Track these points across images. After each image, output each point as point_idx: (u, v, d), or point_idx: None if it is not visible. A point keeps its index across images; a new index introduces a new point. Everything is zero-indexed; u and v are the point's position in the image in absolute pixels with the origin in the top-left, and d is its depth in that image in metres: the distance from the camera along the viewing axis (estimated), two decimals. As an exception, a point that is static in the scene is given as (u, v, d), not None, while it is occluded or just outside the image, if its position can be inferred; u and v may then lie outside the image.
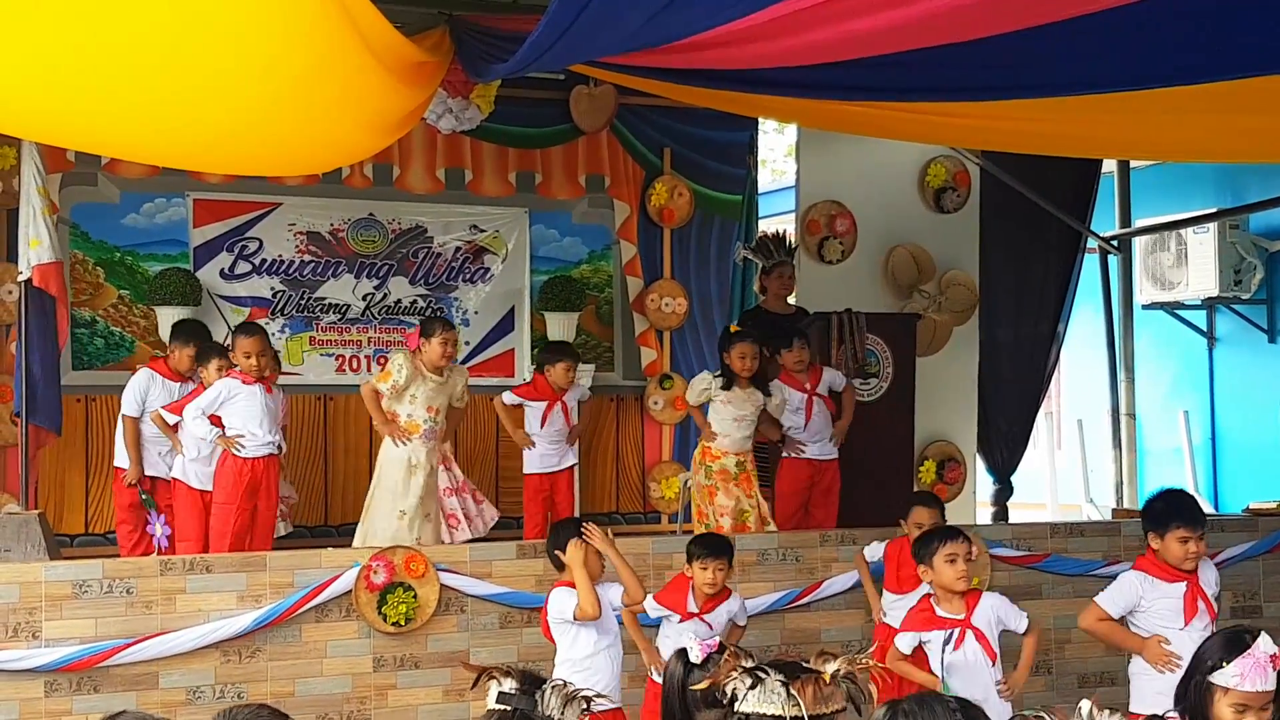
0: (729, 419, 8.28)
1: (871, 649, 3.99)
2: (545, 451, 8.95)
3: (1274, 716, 3.78)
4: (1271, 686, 3.73)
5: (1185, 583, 5.75)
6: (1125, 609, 5.81)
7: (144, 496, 8.46)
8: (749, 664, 3.16)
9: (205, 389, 8.08)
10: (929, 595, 5.89)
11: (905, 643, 5.80)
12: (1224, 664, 3.80)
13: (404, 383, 8.15)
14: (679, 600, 6.28)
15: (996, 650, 5.74)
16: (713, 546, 6.36)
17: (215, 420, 7.94)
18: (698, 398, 8.45)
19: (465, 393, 8.53)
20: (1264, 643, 3.79)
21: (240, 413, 7.95)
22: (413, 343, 8.55)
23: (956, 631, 5.70)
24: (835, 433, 8.61)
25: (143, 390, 8.49)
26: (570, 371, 8.93)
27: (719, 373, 8.40)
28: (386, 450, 8.31)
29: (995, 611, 5.80)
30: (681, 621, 6.23)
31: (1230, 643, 3.85)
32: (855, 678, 3.16)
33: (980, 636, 5.71)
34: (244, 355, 7.97)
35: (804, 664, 3.15)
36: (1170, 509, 5.88)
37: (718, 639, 3.64)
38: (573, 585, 5.87)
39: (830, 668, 3.11)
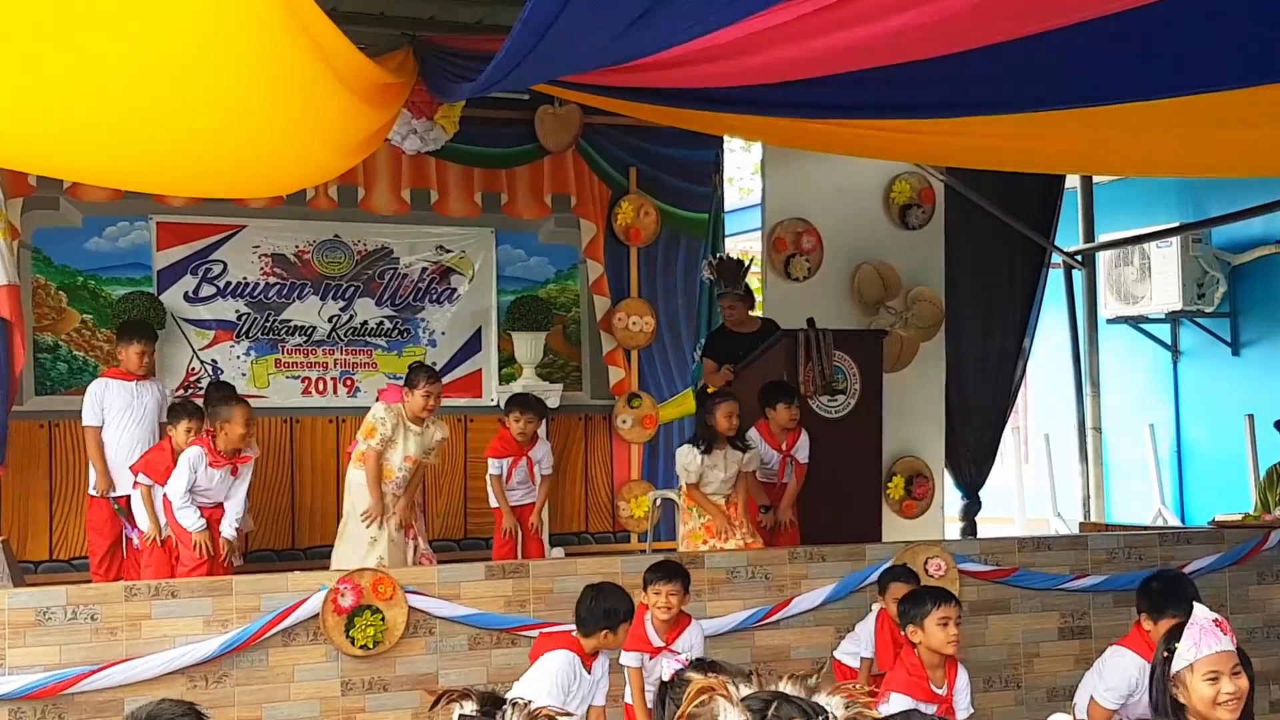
0: (718, 481, 8.09)
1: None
2: (511, 490, 8.90)
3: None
4: (1228, 646, 3.72)
5: None
6: (1125, 698, 5.74)
7: (118, 509, 8.39)
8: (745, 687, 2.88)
9: (171, 448, 8.03)
10: (918, 659, 5.88)
11: (900, 707, 5.77)
12: (1174, 649, 3.79)
13: (391, 434, 8.16)
14: (641, 636, 6.27)
15: None
16: (666, 571, 6.34)
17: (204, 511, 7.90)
18: (697, 475, 8.07)
19: (438, 450, 8.53)
20: (1201, 610, 3.79)
21: (207, 494, 7.92)
22: (393, 396, 8.51)
23: (937, 708, 5.73)
24: (781, 508, 8.46)
25: (99, 398, 8.44)
26: (520, 422, 8.78)
27: (696, 441, 8.14)
28: (353, 475, 8.29)
29: (964, 692, 5.85)
30: (652, 659, 6.23)
31: (1173, 630, 3.85)
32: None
33: (951, 714, 5.76)
34: (242, 425, 7.84)
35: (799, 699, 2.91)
36: (1169, 596, 5.79)
37: (688, 657, 3.64)
38: (581, 653, 5.80)
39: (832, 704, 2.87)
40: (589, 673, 5.84)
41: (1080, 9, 5.11)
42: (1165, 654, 3.82)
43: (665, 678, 3.54)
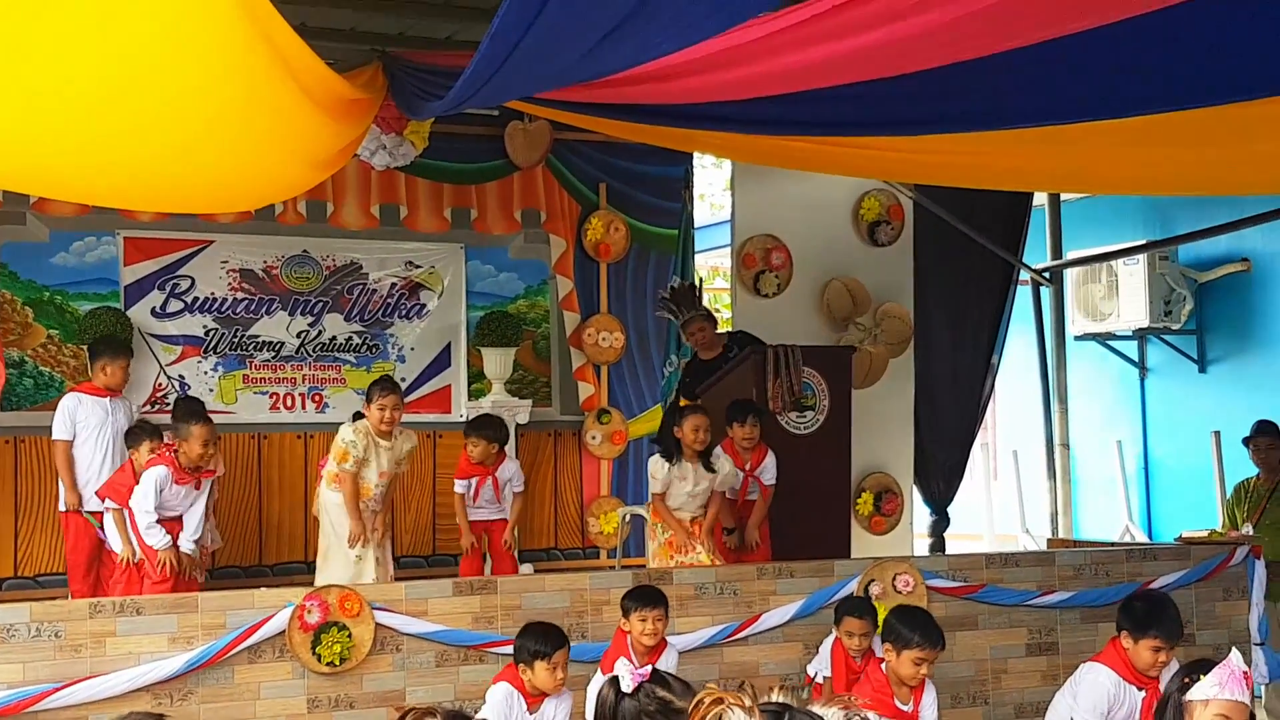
0: (684, 494, 8.09)
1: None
2: (479, 508, 8.87)
3: None
4: (1247, 700, 3.76)
5: (1146, 690, 5.74)
6: (1103, 715, 5.75)
7: (96, 525, 8.35)
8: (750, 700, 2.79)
9: (134, 471, 7.99)
10: (884, 675, 5.90)
11: None
12: (1199, 678, 3.83)
13: (364, 454, 8.13)
14: (620, 657, 6.25)
15: None
16: (649, 598, 6.33)
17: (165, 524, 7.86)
18: (665, 484, 8.06)
19: (407, 459, 8.50)
20: (1237, 658, 3.84)
21: (169, 508, 7.89)
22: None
23: None
24: (748, 529, 8.42)
25: (71, 413, 8.43)
26: (478, 447, 8.71)
27: (663, 451, 8.13)
28: (329, 496, 8.26)
29: (931, 707, 5.88)
30: None
31: (1200, 662, 3.90)
32: None
33: None
34: (200, 444, 7.80)
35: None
36: (1152, 616, 5.83)
37: (650, 667, 3.61)
38: (524, 691, 5.82)
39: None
40: (530, 712, 5.82)
41: (1048, 27, 5.14)
42: (1185, 680, 3.87)
43: (626, 688, 3.52)
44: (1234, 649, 3.95)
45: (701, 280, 10.25)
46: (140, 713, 6.25)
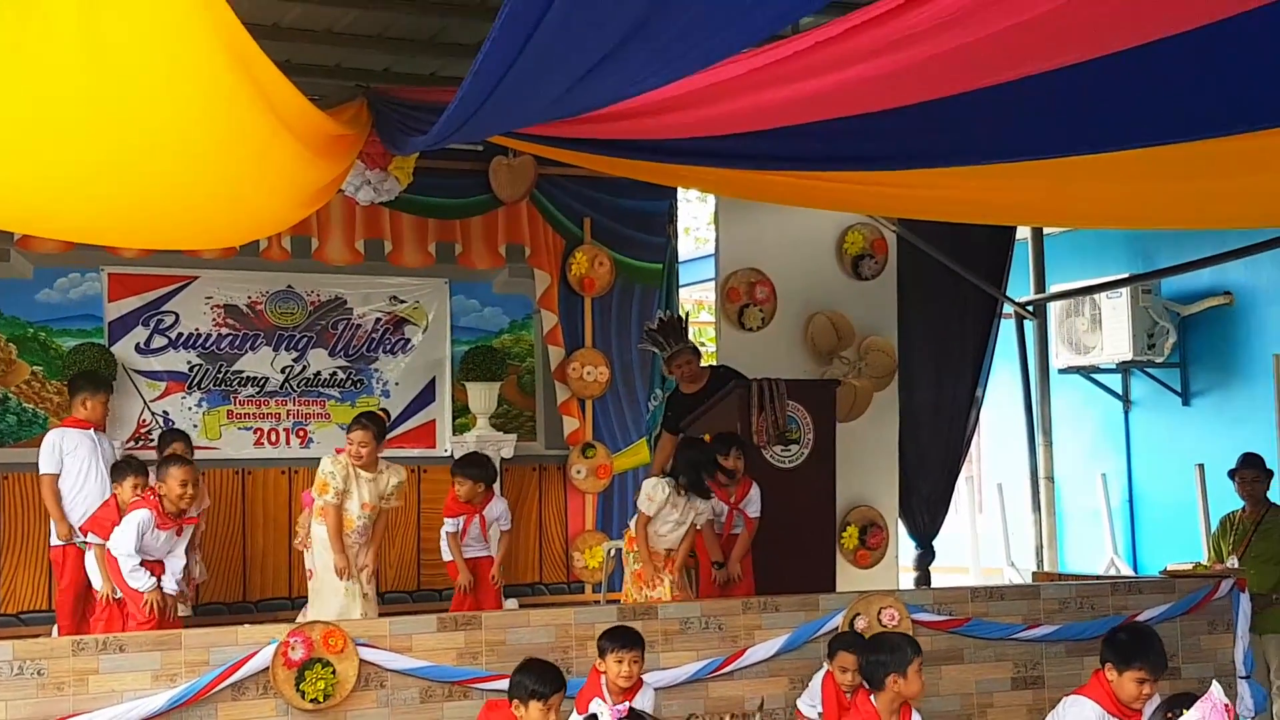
0: (671, 521, 8.11)
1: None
2: (465, 545, 8.84)
3: None
4: None
5: None
6: None
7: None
8: None
9: (118, 506, 7.97)
10: (872, 703, 5.90)
11: None
12: (1181, 713, 3.84)
13: (344, 485, 8.11)
14: (594, 697, 6.25)
15: None
16: (627, 639, 6.31)
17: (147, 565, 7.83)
18: (656, 508, 8.08)
19: (396, 494, 8.42)
20: (1218, 690, 3.84)
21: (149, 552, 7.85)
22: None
23: None
24: (730, 562, 8.42)
25: (58, 447, 8.43)
26: (464, 486, 8.67)
27: (676, 476, 8.13)
28: (318, 533, 8.23)
29: None
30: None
31: (1182, 696, 3.91)
32: None
33: None
34: (179, 484, 7.74)
35: None
36: (1137, 647, 5.81)
37: (628, 705, 3.62)
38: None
39: None
40: None
41: (1028, 63, 5.17)
42: (1167, 715, 3.87)
43: None
44: (1214, 682, 3.95)
45: (688, 314, 10.24)
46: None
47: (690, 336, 9.66)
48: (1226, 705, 3.81)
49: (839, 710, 6.61)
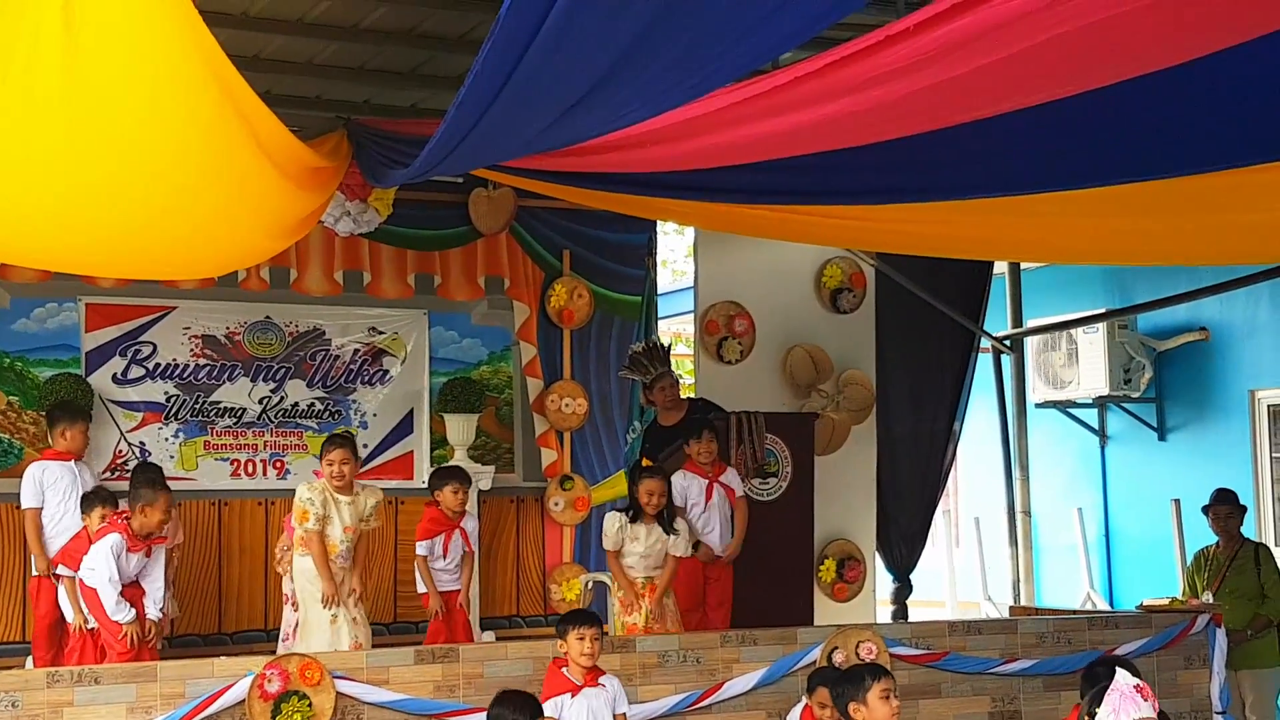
0: (636, 554, 8.17)
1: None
2: (445, 577, 8.82)
3: None
4: (1146, 714, 3.76)
5: None
6: None
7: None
8: None
9: (88, 537, 7.95)
10: None
11: None
12: (1095, 713, 3.84)
13: (323, 510, 8.06)
14: (558, 682, 6.36)
15: None
16: (586, 617, 6.49)
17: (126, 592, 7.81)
18: (615, 542, 8.21)
19: (374, 515, 8.36)
20: (1123, 675, 3.84)
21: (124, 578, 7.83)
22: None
23: None
24: (728, 551, 8.55)
25: (39, 480, 8.41)
26: (459, 493, 8.70)
27: (625, 509, 8.30)
28: (301, 564, 8.18)
29: None
30: (574, 697, 6.31)
31: (1095, 694, 3.90)
32: None
33: None
34: (163, 512, 7.77)
35: None
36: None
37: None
38: None
39: None
40: None
41: (1007, 99, 5.20)
42: (1087, 716, 3.88)
43: None
44: (1120, 669, 3.95)
45: (670, 343, 10.25)
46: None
47: (673, 364, 9.69)
48: (1137, 685, 3.81)
49: None
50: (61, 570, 8.06)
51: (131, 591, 7.82)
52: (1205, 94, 5.12)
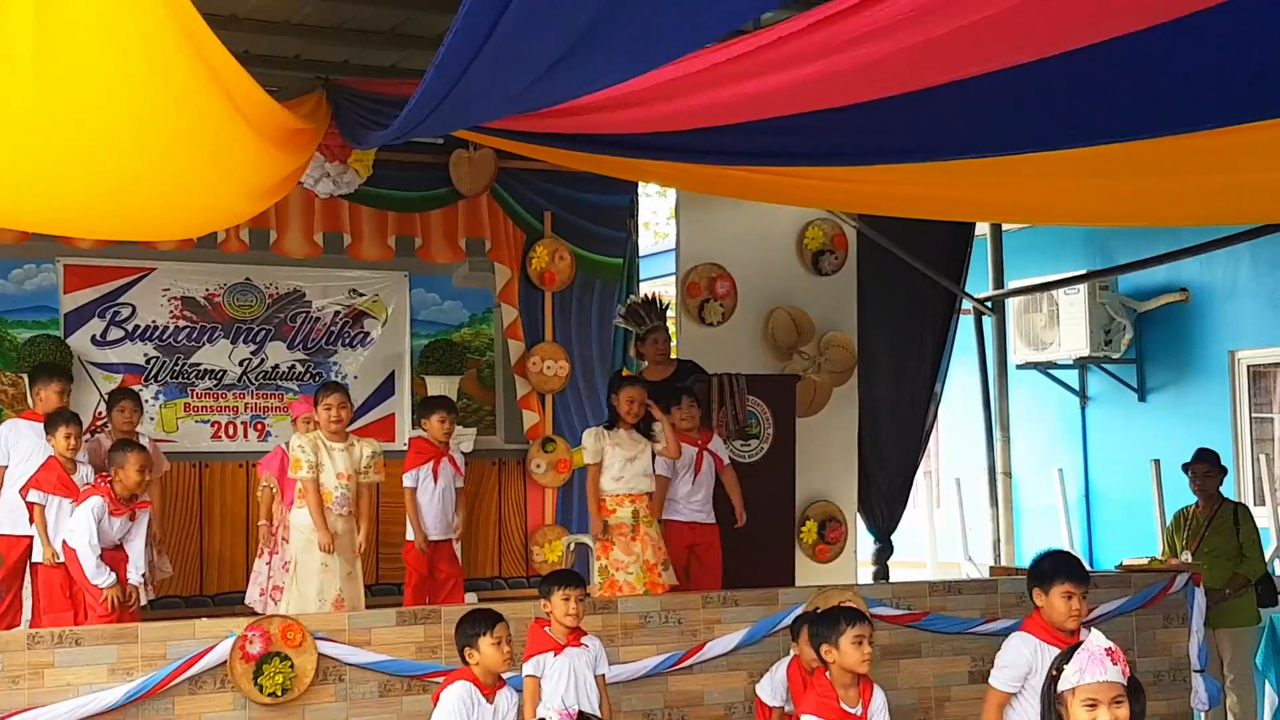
0: (620, 460, 8.19)
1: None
2: (434, 519, 8.84)
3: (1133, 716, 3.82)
4: (1113, 677, 3.77)
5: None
6: (1020, 679, 5.78)
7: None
8: None
9: (60, 462, 7.94)
10: (827, 678, 5.92)
11: None
12: (1063, 669, 3.86)
13: (315, 457, 8.06)
14: (543, 642, 6.36)
15: None
16: (569, 578, 6.46)
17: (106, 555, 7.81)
18: (595, 454, 8.26)
19: (372, 465, 8.35)
20: (1096, 636, 3.86)
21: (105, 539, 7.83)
22: (301, 407, 8.77)
23: None
24: (739, 519, 8.61)
25: (5, 439, 8.39)
26: (446, 422, 8.86)
27: (603, 422, 8.38)
28: (296, 518, 8.19)
29: (882, 712, 5.89)
30: (557, 655, 6.32)
31: (1067, 651, 3.93)
32: None
33: None
34: (136, 471, 7.79)
35: None
36: (1056, 566, 5.94)
37: (576, 708, 3.63)
38: (476, 682, 5.84)
39: None
40: (488, 702, 5.85)
41: (989, 60, 5.19)
42: (1054, 672, 3.90)
43: None
44: (1093, 629, 3.97)
45: (669, 303, 10.22)
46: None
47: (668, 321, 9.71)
48: (1108, 649, 3.82)
49: (804, 686, 6.60)
50: (33, 496, 8.02)
51: (113, 555, 7.82)
52: (1187, 54, 5.11)
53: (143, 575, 7.94)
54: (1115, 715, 3.76)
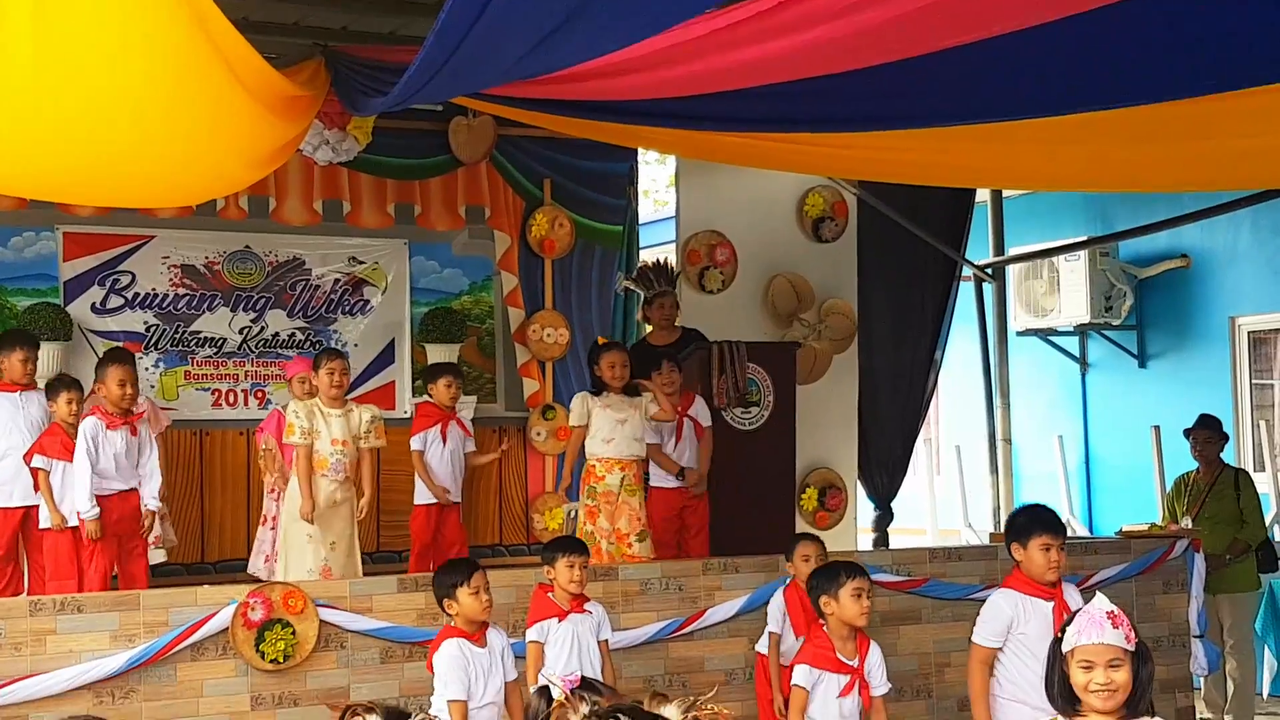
0: (610, 422, 8.15)
1: (711, 692, 3.94)
2: (442, 482, 8.86)
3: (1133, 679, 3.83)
4: (1110, 640, 3.78)
5: (1052, 600, 5.83)
6: (1002, 634, 5.83)
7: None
8: (588, 708, 3.11)
9: (63, 428, 7.92)
10: (824, 630, 5.94)
11: (805, 677, 5.84)
12: (1067, 629, 3.89)
13: (309, 424, 8.06)
14: (546, 607, 6.37)
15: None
16: (574, 544, 6.50)
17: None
18: (580, 416, 8.23)
19: (373, 430, 8.33)
20: (1099, 600, 3.88)
21: (119, 467, 7.81)
22: (295, 367, 8.85)
23: (847, 679, 5.80)
24: (694, 480, 8.53)
25: None
26: (452, 387, 8.93)
27: (590, 389, 8.37)
28: (293, 485, 8.20)
29: (879, 667, 5.91)
30: (561, 621, 6.34)
31: (1072, 616, 3.96)
32: None
33: (864, 687, 5.83)
34: (117, 384, 7.77)
35: (642, 707, 3.11)
36: (1031, 519, 5.98)
37: (579, 674, 3.62)
38: (463, 634, 5.86)
39: (668, 711, 3.09)
40: (480, 647, 5.90)
41: (988, 25, 5.18)
42: (1059, 635, 3.93)
43: (558, 695, 3.51)
44: (1098, 593, 3.99)
45: (680, 270, 10.18)
46: (80, 717, 6.21)
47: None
48: (1109, 612, 3.83)
49: (807, 619, 6.60)
50: (38, 462, 7.97)
51: (125, 496, 7.79)
52: (1188, 19, 5.10)
53: (156, 499, 7.94)
54: (1110, 677, 3.78)
